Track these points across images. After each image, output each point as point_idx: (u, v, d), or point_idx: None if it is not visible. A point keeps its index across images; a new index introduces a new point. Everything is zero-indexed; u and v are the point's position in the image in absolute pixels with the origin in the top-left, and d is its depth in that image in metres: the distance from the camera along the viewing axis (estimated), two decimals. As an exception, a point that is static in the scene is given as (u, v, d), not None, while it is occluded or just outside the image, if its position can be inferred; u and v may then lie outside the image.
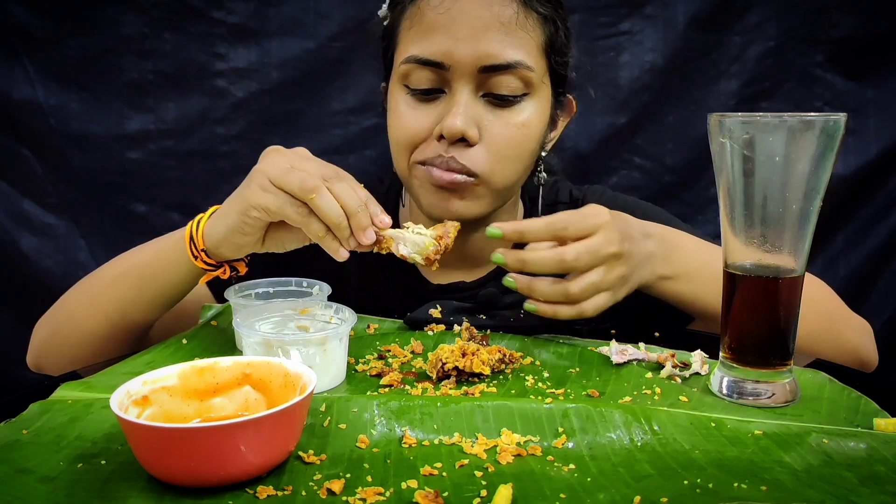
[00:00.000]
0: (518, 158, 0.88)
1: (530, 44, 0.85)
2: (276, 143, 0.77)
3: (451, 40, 0.83)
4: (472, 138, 0.84)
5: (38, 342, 0.91)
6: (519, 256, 0.73)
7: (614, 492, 0.49)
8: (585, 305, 0.74)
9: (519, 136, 0.87)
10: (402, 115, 0.88)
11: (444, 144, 0.85)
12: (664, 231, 0.82)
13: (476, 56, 0.83)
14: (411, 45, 0.86)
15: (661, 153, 1.63)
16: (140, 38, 1.52)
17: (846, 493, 0.49)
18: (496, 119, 0.86)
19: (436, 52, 0.84)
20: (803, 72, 1.59)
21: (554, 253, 0.72)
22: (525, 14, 0.84)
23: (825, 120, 0.59)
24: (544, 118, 0.90)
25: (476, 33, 0.82)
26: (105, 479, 0.51)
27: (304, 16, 1.54)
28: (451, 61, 0.83)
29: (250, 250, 0.77)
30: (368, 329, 0.85)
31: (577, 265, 0.72)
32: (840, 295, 0.91)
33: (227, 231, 0.75)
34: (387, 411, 0.60)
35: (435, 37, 0.84)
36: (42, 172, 1.54)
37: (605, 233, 0.73)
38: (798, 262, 0.63)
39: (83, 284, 0.89)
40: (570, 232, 0.73)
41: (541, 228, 0.73)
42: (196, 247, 0.77)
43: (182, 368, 0.58)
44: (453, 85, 0.85)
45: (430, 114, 0.86)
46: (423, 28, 0.85)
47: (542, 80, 0.88)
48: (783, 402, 0.63)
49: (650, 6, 1.56)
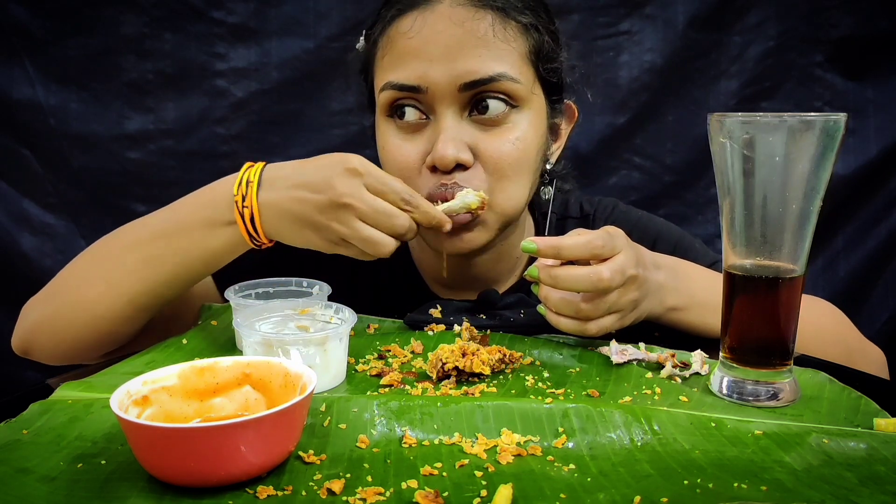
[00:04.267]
0: (518, 175, 0.84)
1: (512, 55, 0.82)
2: (276, 143, 0.77)
3: (426, 62, 0.80)
4: (466, 162, 0.81)
5: (29, 324, 0.85)
6: (553, 272, 0.72)
7: (614, 492, 0.49)
8: (590, 325, 0.73)
9: (515, 152, 0.82)
10: (392, 150, 0.84)
11: (439, 175, 0.81)
12: (674, 262, 0.81)
13: (453, 75, 0.79)
14: (387, 72, 0.83)
15: (661, 153, 1.64)
16: (140, 38, 1.52)
17: (846, 493, 0.49)
18: (489, 138, 0.82)
19: (411, 76, 0.80)
20: (803, 72, 1.59)
21: (591, 271, 0.70)
22: (502, 24, 0.81)
23: (825, 120, 0.59)
24: (540, 130, 0.86)
25: (450, 51, 0.79)
26: (105, 479, 0.51)
27: (304, 16, 1.54)
28: (428, 83, 0.80)
29: (305, 246, 0.77)
30: (368, 329, 0.85)
31: (612, 285, 0.71)
32: (840, 295, 0.91)
33: (294, 233, 0.75)
34: (387, 411, 0.60)
35: (408, 61, 0.81)
36: (42, 172, 1.54)
37: (627, 253, 0.72)
38: (798, 262, 0.63)
39: (92, 256, 0.83)
40: (606, 251, 0.71)
41: (579, 245, 0.71)
42: (252, 233, 0.75)
43: (182, 368, 0.58)
44: (437, 110, 0.81)
45: (418, 144, 0.83)
46: (395, 55, 0.82)
47: (532, 91, 0.84)
48: (783, 403, 0.63)
49: (650, 6, 1.56)
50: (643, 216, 1.02)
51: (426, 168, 0.82)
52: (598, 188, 1.62)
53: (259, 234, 0.76)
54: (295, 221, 0.74)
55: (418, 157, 0.83)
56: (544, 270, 0.73)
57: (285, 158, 0.78)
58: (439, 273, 0.98)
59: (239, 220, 0.75)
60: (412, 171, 0.83)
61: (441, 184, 0.81)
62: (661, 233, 0.98)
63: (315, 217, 0.73)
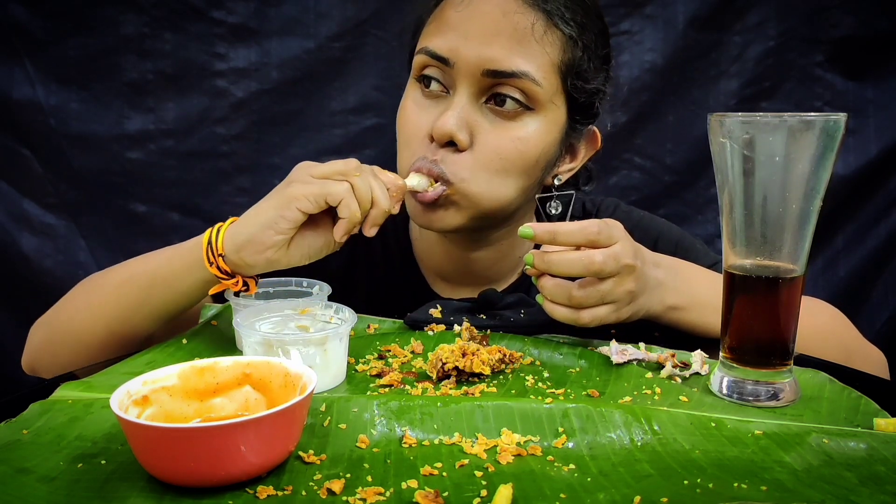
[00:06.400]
0: (506, 173, 0.84)
1: (543, 59, 0.82)
2: (276, 143, 0.77)
3: (461, 38, 0.82)
4: (460, 142, 0.82)
5: (33, 345, 0.89)
6: (546, 257, 0.73)
7: (614, 492, 0.49)
8: (584, 314, 0.73)
9: (511, 149, 0.83)
10: (407, 111, 0.87)
11: (434, 147, 0.83)
12: (674, 262, 0.81)
13: (481, 58, 0.81)
14: (427, 38, 0.85)
15: (661, 153, 1.64)
16: (140, 38, 1.52)
17: (846, 493, 0.49)
18: (492, 128, 0.83)
19: (444, 47, 0.82)
20: (803, 72, 1.59)
21: (583, 255, 0.71)
22: (545, 28, 0.82)
23: (825, 120, 0.59)
24: (549, 139, 0.86)
25: (486, 35, 0.81)
26: (105, 479, 0.51)
27: (304, 16, 1.54)
28: (457, 58, 0.82)
29: (274, 255, 0.73)
30: (368, 329, 0.85)
31: (604, 269, 0.71)
32: (840, 295, 0.91)
33: (259, 227, 0.72)
34: (387, 411, 0.60)
35: (447, 33, 0.83)
36: (42, 172, 1.54)
37: (624, 244, 0.72)
38: (798, 262, 0.63)
39: (84, 288, 0.87)
40: (601, 238, 0.72)
41: (574, 231, 0.72)
42: (214, 251, 0.74)
43: (182, 368, 0.58)
44: (457, 85, 0.83)
45: (431, 112, 0.85)
46: (440, 23, 0.85)
47: (552, 100, 0.84)
48: (783, 403, 0.63)
49: (650, 6, 1.57)
50: (645, 216, 1.02)
51: (427, 137, 0.84)
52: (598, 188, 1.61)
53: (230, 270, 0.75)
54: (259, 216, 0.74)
55: (427, 125, 0.84)
56: (538, 255, 0.73)
57: (285, 158, 0.78)
58: (441, 269, 0.99)
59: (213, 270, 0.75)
60: (417, 136, 0.85)
61: (424, 156, 0.83)
62: (663, 233, 0.98)
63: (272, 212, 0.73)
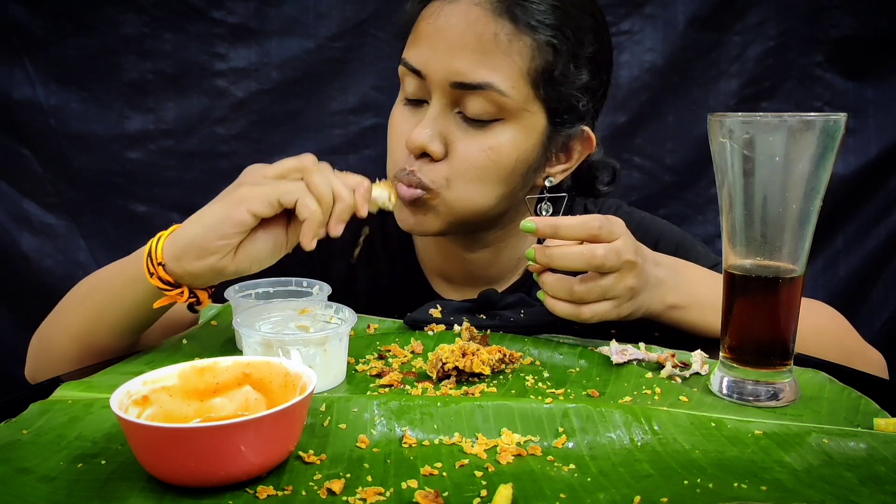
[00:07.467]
0: (482, 182, 0.84)
1: (511, 68, 0.81)
2: (276, 143, 0.77)
3: (430, 51, 0.82)
4: (434, 153, 0.82)
5: (30, 355, 0.89)
6: (547, 251, 0.73)
7: (614, 492, 0.49)
8: (585, 309, 0.73)
9: (484, 158, 0.83)
10: (393, 119, 0.89)
11: (411, 157, 0.84)
12: (674, 261, 0.82)
13: (448, 70, 0.81)
14: (406, 49, 0.86)
15: (661, 153, 1.64)
16: (140, 38, 1.52)
17: (846, 493, 0.49)
18: (465, 137, 0.83)
19: (417, 59, 0.83)
20: (803, 72, 1.59)
21: (584, 249, 0.72)
22: (512, 37, 0.80)
23: (825, 120, 0.59)
24: (527, 146, 0.85)
25: (452, 47, 0.81)
26: (105, 479, 0.51)
27: (304, 16, 1.54)
28: (427, 71, 0.82)
29: (219, 262, 0.69)
30: (368, 329, 0.85)
31: (605, 264, 0.71)
32: (840, 295, 0.91)
33: (201, 232, 0.68)
34: (387, 411, 0.60)
35: (420, 45, 0.84)
36: (42, 172, 1.54)
37: (625, 240, 0.73)
38: (798, 262, 0.63)
39: (62, 301, 0.86)
40: (603, 233, 0.72)
41: (576, 226, 0.72)
42: (154, 261, 0.70)
43: (182, 368, 0.58)
44: (431, 96, 0.84)
45: (411, 122, 0.85)
46: (416, 35, 0.85)
47: (525, 107, 0.83)
48: (783, 403, 0.63)
49: (650, 6, 1.56)
50: (646, 217, 1.02)
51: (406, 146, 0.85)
52: (597, 188, 1.62)
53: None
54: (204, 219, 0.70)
55: (407, 134, 0.85)
56: (540, 249, 0.74)
57: (285, 158, 0.78)
58: (441, 270, 0.99)
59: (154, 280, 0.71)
60: (399, 145, 0.86)
61: (403, 167, 0.84)
62: (664, 234, 0.98)
63: (217, 215, 0.69)
